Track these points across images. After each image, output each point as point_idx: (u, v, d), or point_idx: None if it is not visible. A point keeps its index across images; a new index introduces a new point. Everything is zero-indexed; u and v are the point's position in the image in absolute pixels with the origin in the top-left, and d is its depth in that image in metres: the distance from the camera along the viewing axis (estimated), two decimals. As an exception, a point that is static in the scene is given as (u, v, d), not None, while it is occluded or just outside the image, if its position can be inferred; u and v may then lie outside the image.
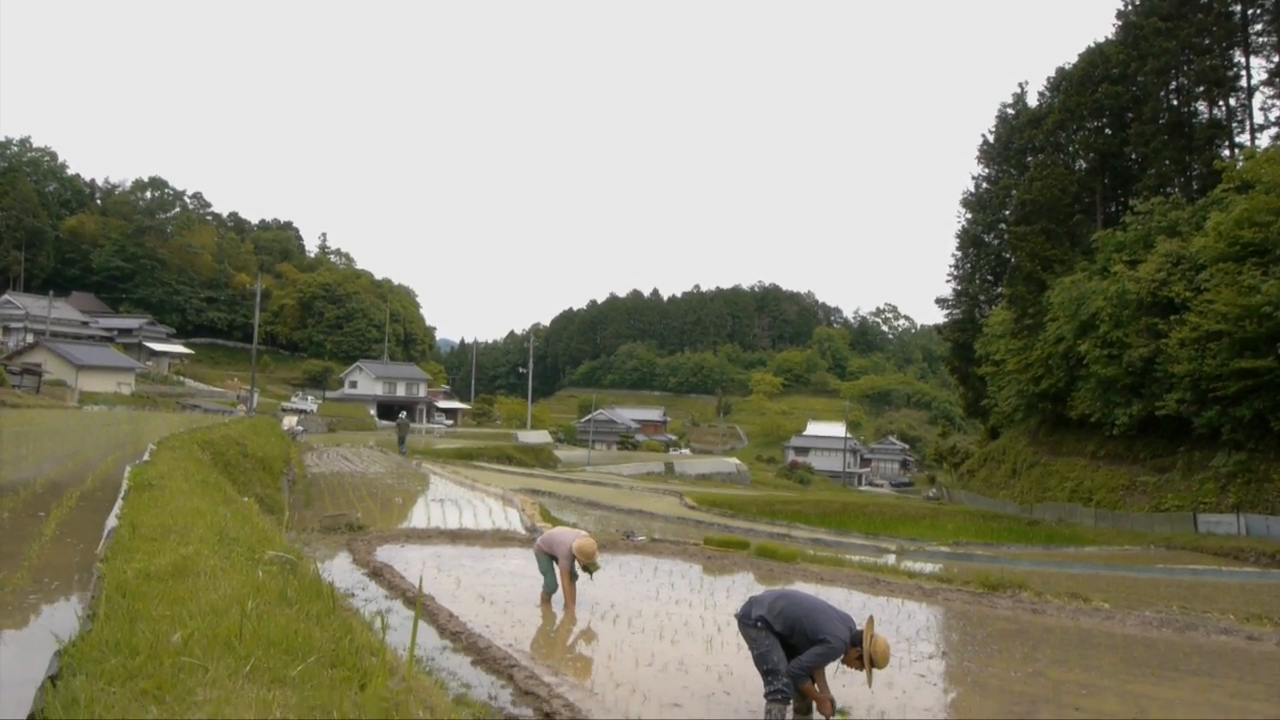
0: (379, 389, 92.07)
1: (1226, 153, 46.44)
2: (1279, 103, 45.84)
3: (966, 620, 10.75)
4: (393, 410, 77.54)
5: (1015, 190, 56.94)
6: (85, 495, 9.40)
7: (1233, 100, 47.71)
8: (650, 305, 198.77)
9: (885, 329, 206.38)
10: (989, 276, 65.30)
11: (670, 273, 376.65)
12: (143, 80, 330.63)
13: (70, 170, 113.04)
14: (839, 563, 14.46)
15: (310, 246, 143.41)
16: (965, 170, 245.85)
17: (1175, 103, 49.53)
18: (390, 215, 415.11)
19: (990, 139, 67.11)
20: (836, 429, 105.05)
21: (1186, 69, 47.92)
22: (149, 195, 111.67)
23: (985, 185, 66.68)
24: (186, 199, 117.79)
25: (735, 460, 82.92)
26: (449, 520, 16.19)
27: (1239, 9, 46.05)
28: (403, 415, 48.26)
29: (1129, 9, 51.03)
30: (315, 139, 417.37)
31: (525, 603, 9.51)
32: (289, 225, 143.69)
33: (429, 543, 13.69)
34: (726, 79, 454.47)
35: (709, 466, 72.35)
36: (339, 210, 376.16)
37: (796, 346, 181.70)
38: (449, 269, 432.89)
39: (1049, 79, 60.26)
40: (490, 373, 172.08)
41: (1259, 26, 46.17)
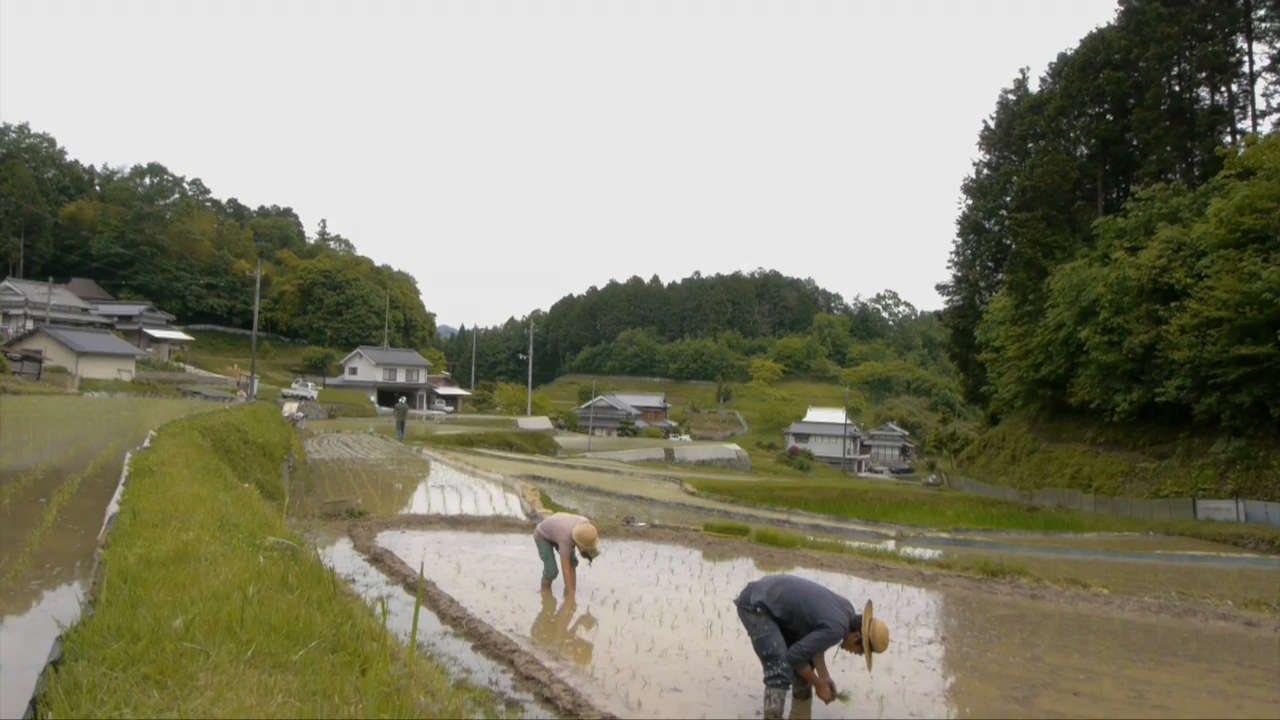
0: (379, 375, 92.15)
1: (1228, 139, 46.32)
2: (1281, 88, 45.77)
3: (965, 605, 10.78)
4: (393, 397, 77.58)
5: (1016, 176, 56.83)
6: (86, 482, 9.42)
7: (1235, 86, 47.57)
8: (650, 291, 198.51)
9: (885, 315, 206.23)
10: (989, 263, 65.21)
11: (670, 259, 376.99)
12: (141, 66, 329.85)
13: (69, 156, 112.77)
14: (839, 548, 14.48)
15: (310, 233, 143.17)
16: (966, 156, 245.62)
17: (1177, 88, 49.37)
18: (390, 202, 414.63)
19: (991, 125, 66.89)
20: (836, 415, 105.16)
21: (1189, 54, 47.75)
22: (148, 181, 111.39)
23: (986, 171, 66.51)
24: (185, 185, 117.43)
25: (735, 446, 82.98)
26: (449, 506, 16.21)
27: (1242, -6, 45.92)
28: (401, 400, 48.28)
29: (1131, -6, 50.86)
30: (315, 125, 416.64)
31: (526, 588, 9.53)
32: (288, 212, 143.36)
33: (429, 529, 13.70)
34: (727, 65, 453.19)
35: (709, 453, 72.43)
36: (339, 197, 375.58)
37: (797, 333, 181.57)
38: (449, 255, 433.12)
39: (1051, 64, 60.12)
40: (490, 359, 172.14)
41: (1261, 12, 46.00)
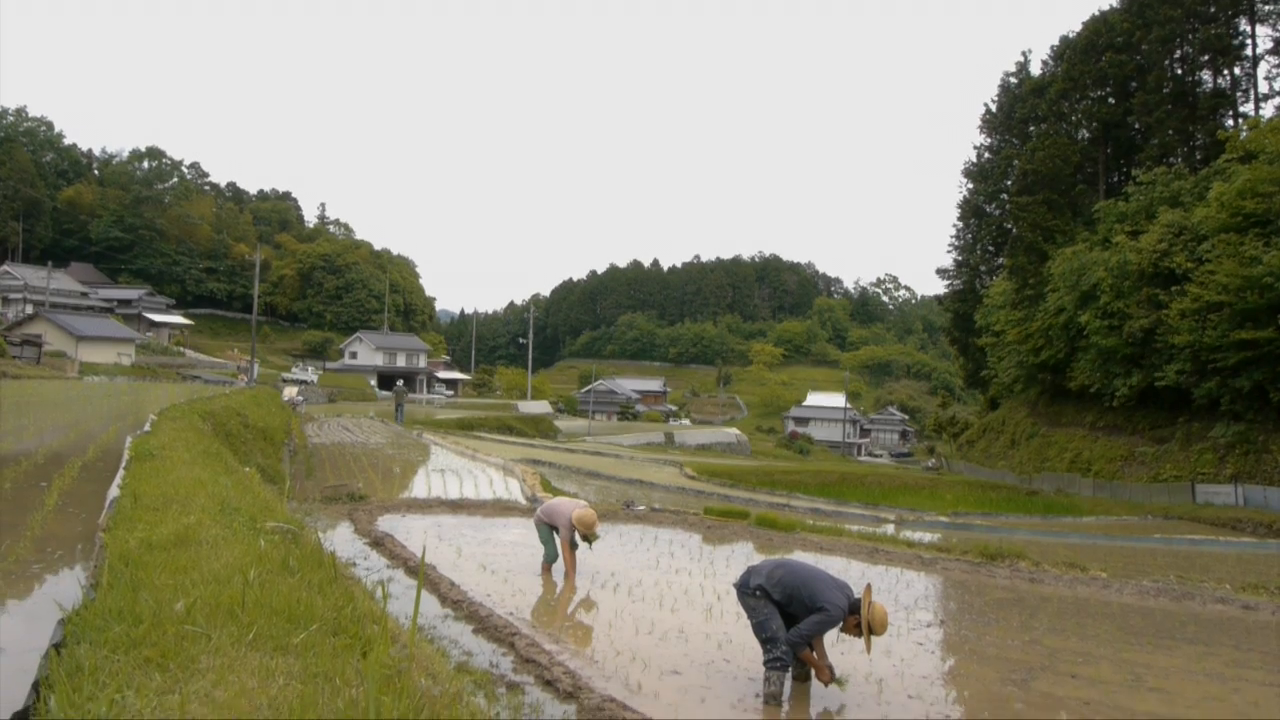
0: (379, 360, 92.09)
1: (1230, 122, 46.13)
2: (1284, 72, 45.54)
3: (964, 589, 10.81)
4: (393, 381, 77.63)
5: (1017, 160, 56.60)
6: (87, 466, 9.42)
7: (1237, 69, 47.32)
8: (650, 276, 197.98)
9: (885, 300, 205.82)
10: (990, 247, 65.05)
11: (670, 243, 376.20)
12: (139, 49, 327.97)
13: (67, 140, 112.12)
14: (838, 532, 14.51)
15: (309, 217, 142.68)
16: (967, 140, 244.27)
17: (1179, 72, 49.11)
18: (390, 186, 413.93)
19: (993, 108, 66.59)
20: (836, 399, 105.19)
21: (1191, 37, 47.48)
22: (146, 165, 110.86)
23: (987, 155, 66.25)
24: (184, 169, 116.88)
25: (735, 430, 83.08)
26: (450, 490, 16.24)
27: (1245, -24, 45.59)
28: (399, 384, 48.29)
29: (1135, -24, 50.52)
30: (314, 109, 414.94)
31: (526, 572, 9.56)
32: (287, 195, 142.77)
33: (430, 513, 13.73)
34: (728, 48, 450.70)
35: (709, 437, 72.52)
36: (338, 181, 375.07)
37: (797, 317, 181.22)
38: (449, 240, 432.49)
39: (1053, 47, 59.82)
40: (490, 343, 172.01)
41: (1265, -7, 45.69)
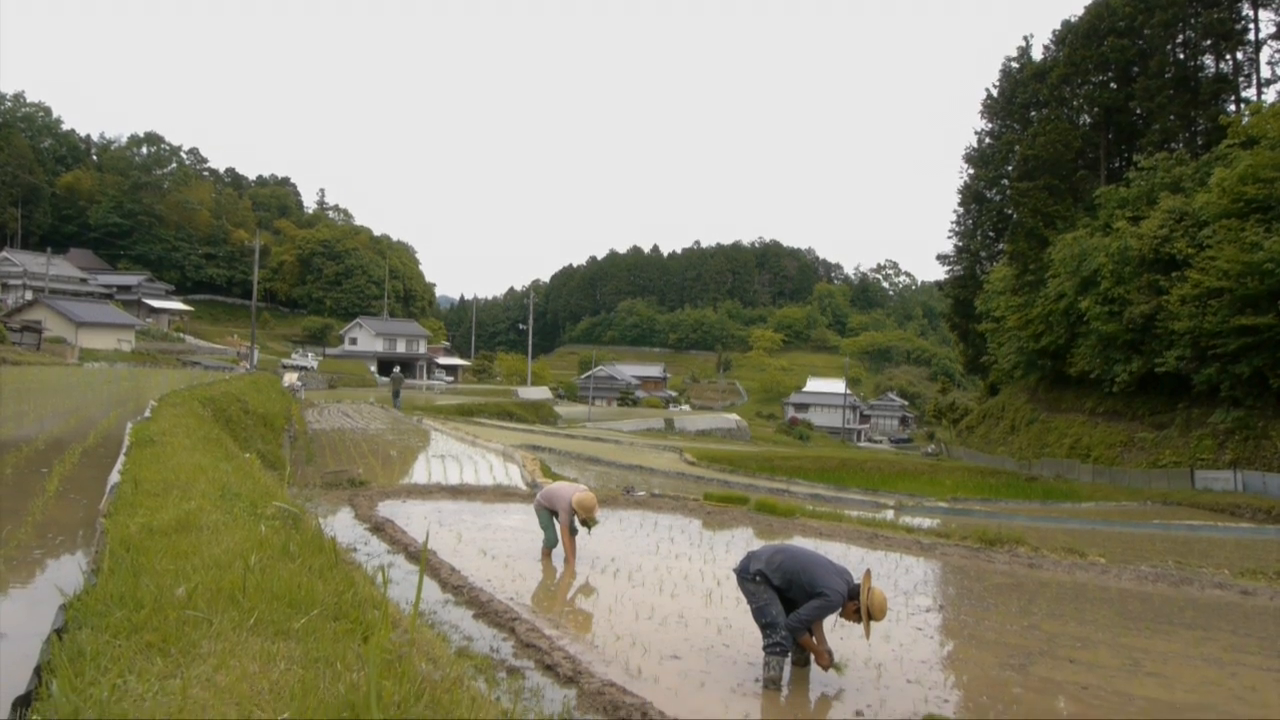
0: (379, 346, 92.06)
1: (1232, 108, 45.95)
2: (1287, 57, 45.31)
3: (964, 574, 10.84)
4: (393, 367, 77.68)
5: (1018, 145, 56.38)
6: (87, 452, 9.43)
7: (1240, 54, 47.09)
8: (650, 261, 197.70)
9: (886, 285, 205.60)
10: (991, 233, 64.93)
11: (670, 229, 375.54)
12: (138, 34, 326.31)
13: (65, 126, 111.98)
14: (837, 518, 14.54)
15: (308, 203, 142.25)
16: (968, 125, 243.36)
17: (1181, 57, 48.90)
18: (389, 172, 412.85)
19: (994, 93, 66.27)
20: (836, 385, 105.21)
21: (1194, 22, 47.24)
22: (145, 151, 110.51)
23: (988, 140, 66.00)
24: (183, 154, 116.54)
25: (735, 416, 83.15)
26: (450, 476, 16.26)
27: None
28: (397, 370, 48.27)
29: (1138, -41, 50.19)
30: (313, 94, 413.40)
31: (526, 557, 9.58)
32: (287, 181, 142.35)
33: (430, 498, 13.76)
34: (728, 33, 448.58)
35: (709, 422, 72.60)
36: (337, 166, 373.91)
37: (797, 303, 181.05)
38: (449, 225, 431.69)
39: (1054, 32, 59.49)
40: (490, 329, 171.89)
41: (1269, -22, 45.42)
